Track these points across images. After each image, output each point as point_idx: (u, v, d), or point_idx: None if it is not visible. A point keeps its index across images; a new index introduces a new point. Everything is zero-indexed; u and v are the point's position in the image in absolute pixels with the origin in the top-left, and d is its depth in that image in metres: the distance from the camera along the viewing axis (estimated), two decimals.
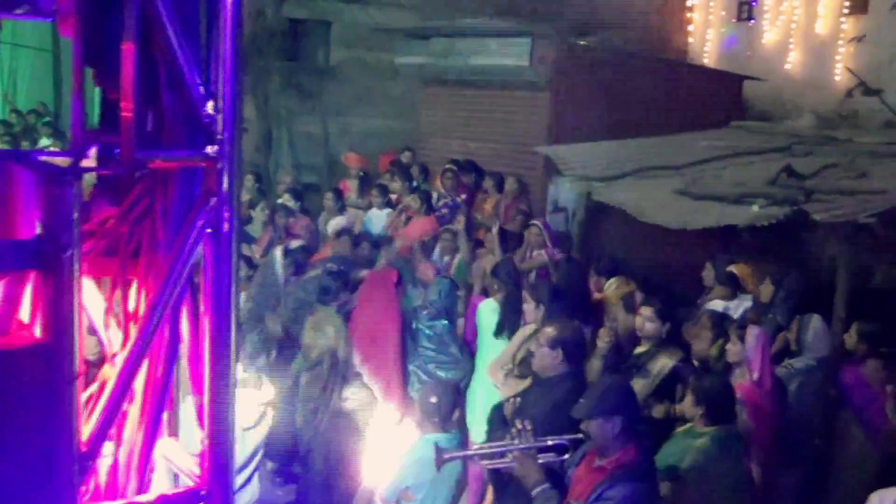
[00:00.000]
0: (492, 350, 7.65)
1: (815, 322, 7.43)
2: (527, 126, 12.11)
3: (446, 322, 8.04)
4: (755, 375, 6.52)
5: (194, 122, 2.43)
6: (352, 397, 7.60)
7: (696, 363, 7.03)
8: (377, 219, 11.53)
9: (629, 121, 11.76)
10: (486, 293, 8.57)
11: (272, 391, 5.96)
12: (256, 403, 5.47)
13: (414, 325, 8.04)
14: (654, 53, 15.09)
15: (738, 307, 8.68)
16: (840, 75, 14.04)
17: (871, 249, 9.60)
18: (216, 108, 2.42)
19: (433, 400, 5.73)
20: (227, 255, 2.47)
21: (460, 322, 8.78)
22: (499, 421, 6.35)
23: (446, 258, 9.68)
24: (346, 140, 16.11)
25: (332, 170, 16.04)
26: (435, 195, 11.62)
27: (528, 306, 7.37)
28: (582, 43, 12.91)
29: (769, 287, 8.56)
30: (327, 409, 6.33)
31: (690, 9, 16.33)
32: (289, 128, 17.01)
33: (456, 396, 5.97)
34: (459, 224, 10.24)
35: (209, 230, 2.49)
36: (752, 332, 6.68)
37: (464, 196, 11.65)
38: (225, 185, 2.46)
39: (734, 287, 8.87)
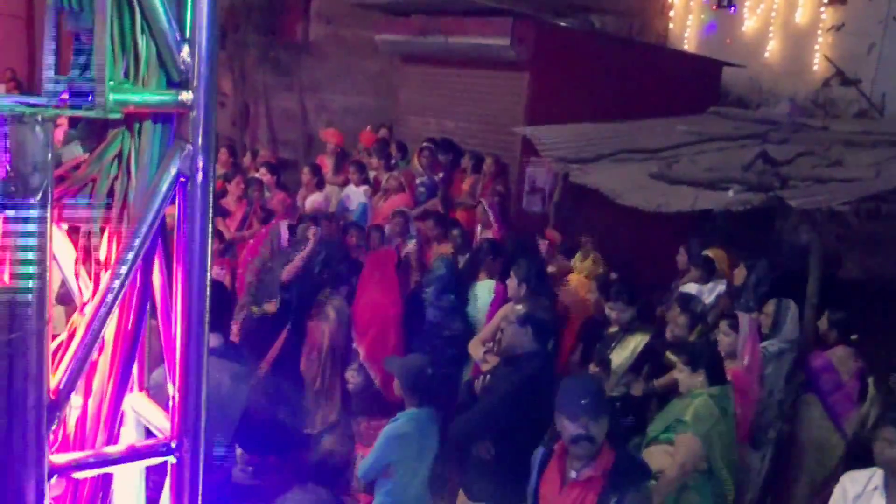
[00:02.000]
0: None
1: (793, 307, 7.51)
2: (505, 106, 12.07)
3: (453, 297, 8.09)
4: (746, 361, 6.61)
5: (169, 67, 2.40)
6: (351, 380, 7.67)
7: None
8: (354, 195, 11.49)
9: (607, 103, 11.76)
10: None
11: None
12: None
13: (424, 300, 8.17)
14: (634, 37, 15.10)
15: (711, 290, 8.77)
16: (818, 65, 14.11)
17: (842, 237, 9.71)
18: (192, 55, 2.39)
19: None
20: (202, 205, 2.44)
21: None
22: (466, 395, 6.39)
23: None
24: (323, 117, 16.05)
25: (309, 146, 15.97)
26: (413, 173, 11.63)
27: (511, 283, 7.42)
28: (562, 24, 12.89)
29: (743, 272, 8.64)
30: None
31: None
32: (266, 103, 16.91)
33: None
34: (436, 204, 10.26)
35: (182, 179, 2.46)
36: (745, 320, 6.77)
37: (441, 175, 11.64)
38: (200, 132, 2.43)
39: (708, 271, 8.92)
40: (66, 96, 2.21)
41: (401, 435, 5.62)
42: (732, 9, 15.57)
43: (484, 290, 8.32)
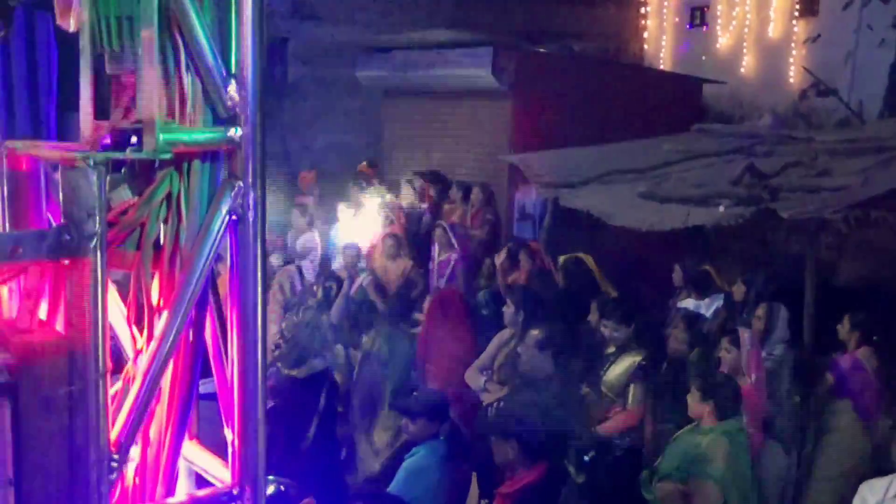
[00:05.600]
0: None
1: (783, 310, 7.53)
2: (490, 135, 12.12)
3: None
4: (753, 377, 6.58)
5: (216, 105, 2.37)
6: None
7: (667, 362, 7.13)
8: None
9: (592, 126, 11.80)
10: None
11: None
12: None
13: None
14: (613, 59, 15.21)
15: (710, 305, 8.78)
16: (794, 76, 14.25)
17: (834, 246, 9.75)
18: (239, 91, 2.36)
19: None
20: (254, 243, 2.40)
21: None
22: (483, 425, 6.39)
23: (388, 262, 9.68)
24: (306, 156, 16.03)
25: (294, 187, 15.94)
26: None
27: (507, 310, 7.41)
28: (542, 50, 12.96)
29: (741, 287, 8.66)
30: None
31: (645, 16, 16.50)
32: None
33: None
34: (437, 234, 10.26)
35: (234, 217, 2.42)
36: (746, 336, 6.76)
37: (425, 205, 11.66)
38: (250, 169, 2.40)
39: (705, 286, 8.93)
40: (107, 141, 2.18)
41: (420, 469, 5.60)
42: (705, 27, 15.75)
43: None
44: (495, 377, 7.23)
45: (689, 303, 8.80)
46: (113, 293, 2.40)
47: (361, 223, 11.58)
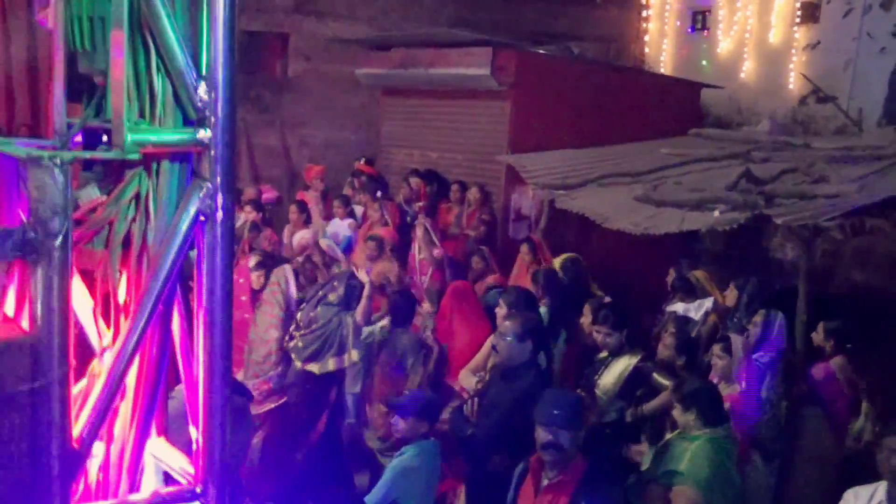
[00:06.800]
0: None
1: (780, 317, 7.53)
2: (488, 135, 12.12)
3: None
4: (743, 384, 6.59)
5: (186, 106, 2.37)
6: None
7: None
8: (340, 229, 11.48)
9: (590, 128, 11.83)
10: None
11: None
12: None
13: None
14: (613, 62, 15.21)
15: (699, 308, 8.80)
16: (794, 83, 14.26)
17: (828, 253, 9.76)
18: (209, 92, 2.36)
19: None
20: (223, 245, 2.40)
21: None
22: (460, 419, 6.39)
23: (369, 264, 9.67)
24: (305, 152, 16.05)
25: (292, 182, 15.96)
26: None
27: (500, 311, 7.41)
28: (541, 52, 12.96)
29: (733, 292, 8.66)
30: None
31: (646, 19, 16.49)
32: (247, 141, 16.88)
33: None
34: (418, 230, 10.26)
35: (202, 218, 2.42)
36: (738, 343, 6.74)
37: (421, 204, 11.66)
38: (219, 171, 2.40)
39: (693, 290, 8.95)
40: (79, 139, 2.18)
41: (408, 469, 5.61)
42: (706, 31, 15.76)
43: None
44: (487, 377, 7.22)
45: (678, 306, 8.81)
46: (81, 290, 2.40)
47: (356, 221, 11.62)
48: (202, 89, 2.36)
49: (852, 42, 13.34)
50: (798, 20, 14.26)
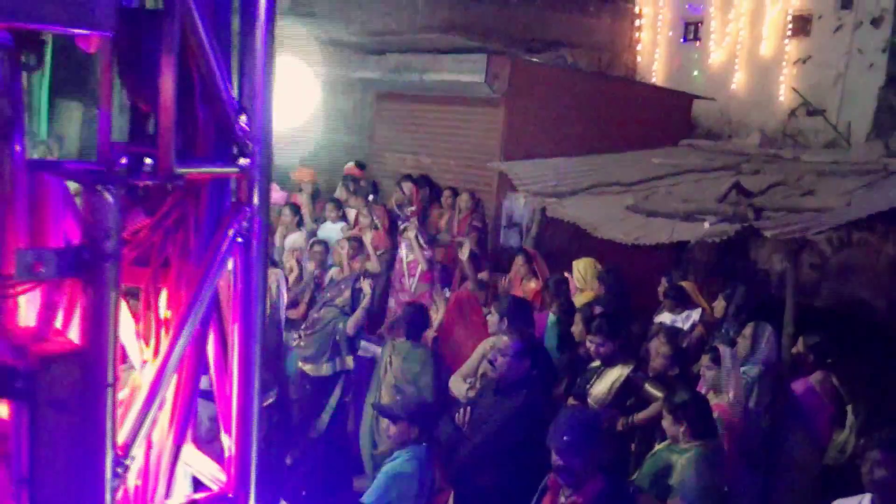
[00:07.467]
0: None
1: (769, 330, 7.61)
2: (481, 141, 12.21)
3: None
4: (731, 395, 6.66)
5: (227, 134, 2.48)
6: None
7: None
8: (332, 233, 11.53)
9: (582, 137, 11.93)
10: None
11: None
12: None
13: None
14: (605, 71, 15.32)
15: (686, 319, 8.87)
16: (784, 95, 14.40)
17: (816, 266, 9.89)
18: (249, 122, 2.48)
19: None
20: (257, 264, 2.52)
21: None
22: (451, 428, 6.47)
23: (347, 262, 9.74)
24: (296, 153, 16.07)
25: (283, 184, 15.99)
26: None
27: (492, 318, 7.47)
28: (536, 60, 13.07)
29: (721, 303, 8.78)
30: None
31: (639, 28, 16.62)
32: None
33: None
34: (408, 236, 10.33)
35: (239, 240, 2.55)
36: (727, 354, 6.81)
37: (413, 208, 11.72)
38: (256, 196, 2.52)
39: (679, 300, 9.02)
40: (123, 161, 2.28)
41: (400, 474, 5.67)
42: (698, 42, 15.89)
43: None
44: (477, 384, 7.27)
45: (665, 317, 8.89)
46: (122, 306, 2.51)
47: (348, 225, 11.67)
48: (242, 119, 2.47)
49: (842, 57, 13.50)
50: (790, 33, 14.40)
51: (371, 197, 11.93)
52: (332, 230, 11.60)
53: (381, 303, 9.96)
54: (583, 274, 9.40)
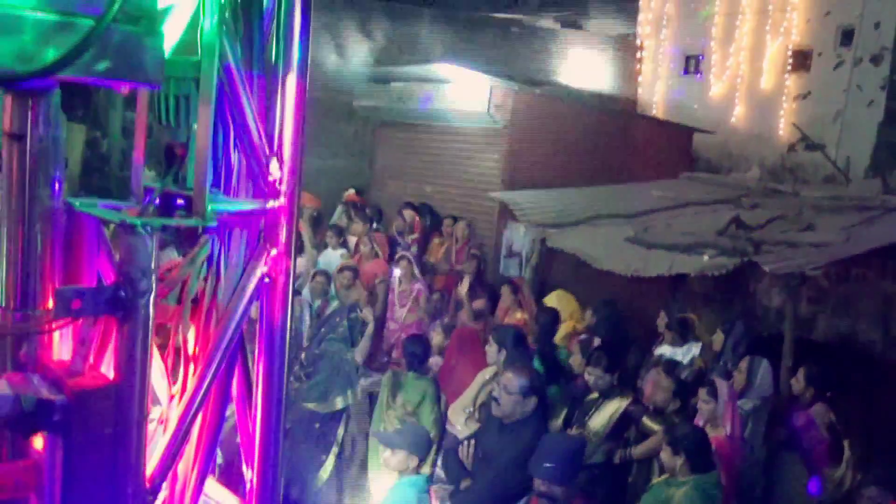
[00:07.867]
0: None
1: (765, 364, 7.66)
2: (482, 170, 12.29)
3: None
4: (728, 429, 6.69)
5: (259, 178, 2.57)
6: None
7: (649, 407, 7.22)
8: (332, 259, 11.55)
9: (583, 167, 12.03)
10: None
11: None
12: None
13: None
14: (607, 104, 15.44)
15: (686, 353, 8.89)
16: (783, 130, 14.51)
17: (814, 300, 9.95)
18: (279, 167, 2.56)
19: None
20: (283, 303, 2.60)
21: None
22: (455, 463, 6.49)
23: (343, 292, 9.76)
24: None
25: None
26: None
27: (490, 349, 7.49)
28: (538, 91, 13.18)
29: (720, 336, 8.81)
30: None
31: (640, 61, 16.75)
32: None
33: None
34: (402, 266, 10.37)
35: (267, 280, 2.62)
36: (724, 387, 6.85)
37: (415, 236, 11.78)
38: (284, 238, 2.60)
39: (683, 334, 9.05)
40: (157, 202, 2.35)
41: (399, 501, 5.70)
42: (699, 75, 16.01)
43: None
44: (476, 415, 7.29)
45: (665, 350, 8.91)
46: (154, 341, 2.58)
47: (347, 251, 11.69)
48: (273, 165, 2.56)
49: (842, 93, 13.61)
50: (790, 68, 14.52)
51: (374, 224, 12.01)
52: (332, 257, 11.62)
53: (379, 330, 9.96)
54: (558, 308, 9.43)
